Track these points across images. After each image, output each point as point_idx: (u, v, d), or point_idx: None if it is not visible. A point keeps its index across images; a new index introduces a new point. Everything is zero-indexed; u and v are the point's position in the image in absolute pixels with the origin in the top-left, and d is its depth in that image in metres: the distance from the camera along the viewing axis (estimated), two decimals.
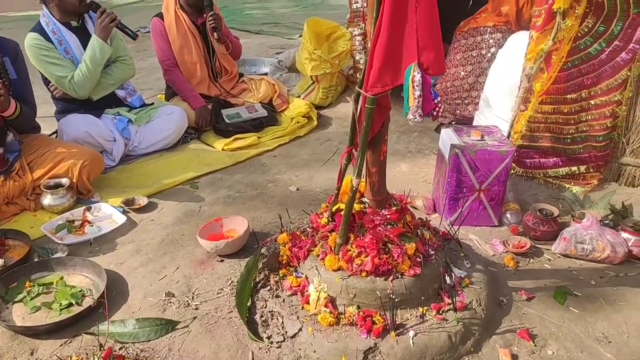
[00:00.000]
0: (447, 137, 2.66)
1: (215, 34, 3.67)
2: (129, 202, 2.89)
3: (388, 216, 2.09)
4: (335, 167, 3.32)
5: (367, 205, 2.12)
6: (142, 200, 2.91)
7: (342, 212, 2.06)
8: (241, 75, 4.14)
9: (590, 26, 2.52)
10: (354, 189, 1.99)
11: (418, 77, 1.73)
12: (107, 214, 2.80)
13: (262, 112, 3.78)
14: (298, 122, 3.79)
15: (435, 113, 3.77)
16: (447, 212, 2.68)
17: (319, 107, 4.08)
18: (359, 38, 4.05)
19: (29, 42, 3.08)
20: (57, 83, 3.15)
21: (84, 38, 3.18)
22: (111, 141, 3.26)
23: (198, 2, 3.69)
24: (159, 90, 4.48)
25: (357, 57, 4.11)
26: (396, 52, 1.76)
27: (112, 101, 3.40)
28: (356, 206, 2.07)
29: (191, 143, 3.60)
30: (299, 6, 7.69)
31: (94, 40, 3.13)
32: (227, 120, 3.67)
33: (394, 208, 2.12)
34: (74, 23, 3.18)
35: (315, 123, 3.85)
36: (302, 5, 7.74)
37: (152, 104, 3.59)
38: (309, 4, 7.77)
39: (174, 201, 2.97)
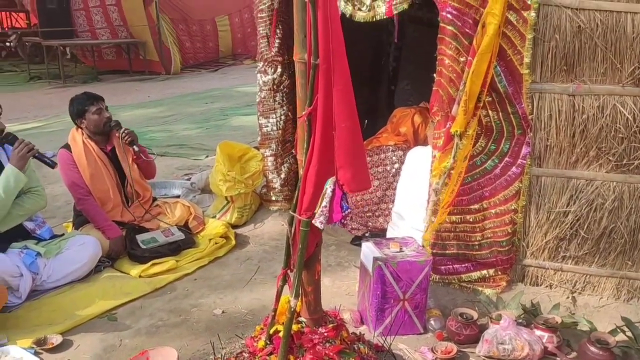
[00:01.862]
0: (369, 250, 2.80)
1: (134, 147, 3.72)
2: (40, 342, 2.68)
3: (325, 334, 2.13)
4: (258, 286, 3.34)
5: (304, 325, 2.15)
6: (56, 339, 2.71)
7: (281, 334, 2.07)
8: (154, 199, 4.12)
9: (483, 145, 2.86)
10: (292, 309, 2.02)
11: (329, 190, 1.88)
12: (16, 357, 2.57)
13: (179, 235, 3.75)
14: (216, 243, 3.79)
15: (345, 222, 3.97)
16: (375, 323, 2.75)
17: (235, 227, 4.12)
18: (270, 159, 4.24)
19: None
20: None
21: None
22: (17, 277, 3.05)
23: (105, 128, 3.73)
24: (62, 218, 4.32)
25: (269, 177, 4.27)
26: (326, 177, 1.91)
27: (19, 234, 3.23)
28: (294, 327, 2.09)
29: (104, 272, 3.45)
30: (202, 128, 7.89)
31: (9, 170, 3.03)
32: (142, 246, 3.58)
33: (330, 325, 2.16)
34: None
35: (233, 242, 3.87)
36: (205, 127, 7.95)
37: (63, 234, 3.45)
38: (212, 126, 8.00)
39: (91, 336, 2.79)
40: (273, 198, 4.32)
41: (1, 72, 14.09)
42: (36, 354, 2.61)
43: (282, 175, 4.27)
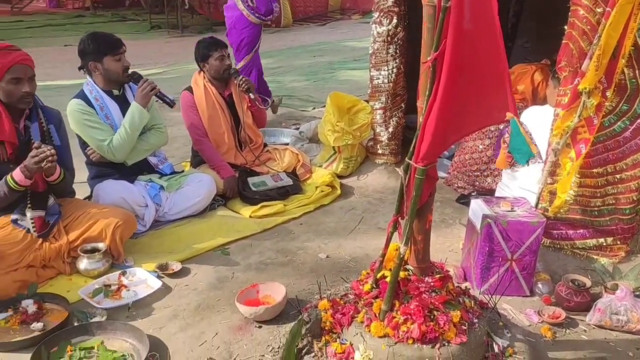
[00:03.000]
0: (478, 207, 2.74)
1: (250, 94, 3.87)
2: (163, 267, 2.92)
3: (432, 283, 2.14)
4: (361, 235, 3.40)
5: (411, 273, 2.17)
6: (176, 266, 2.94)
7: (387, 279, 2.10)
8: (265, 145, 4.27)
9: (614, 105, 2.67)
10: (401, 256, 2.05)
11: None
12: (142, 278, 2.82)
13: (287, 181, 3.88)
14: (322, 191, 3.88)
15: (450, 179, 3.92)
16: (479, 281, 2.72)
17: (340, 177, 4.18)
18: (379, 112, 4.22)
19: (72, 108, 3.21)
20: (96, 146, 3.26)
21: (123, 106, 3.33)
22: (143, 207, 3.32)
23: (224, 75, 3.88)
24: (180, 158, 4.60)
25: (377, 130, 4.26)
26: (447, 126, 1.88)
27: (144, 168, 3.49)
28: (401, 273, 2.12)
29: (219, 210, 3.67)
30: (309, 80, 7.99)
31: (134, 107, 3.28)
32: (253, 188, 3.75)
33: (437, 276, 2.17)
34: (115, 92, 3.34)
35: (338, 192, 3.94)
36: (313, 79, 8.04)
37: (182, 171, 3.68)
38: (319, 79, 8.08)
39: (206, 266, 3.00)
40: (379, 151, 4.32)
41: (125, 21, 14.97)
42: (158, 277, 2.84)
43: (390, 129, 4.25)
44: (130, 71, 3.35)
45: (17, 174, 2.63)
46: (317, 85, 7.71)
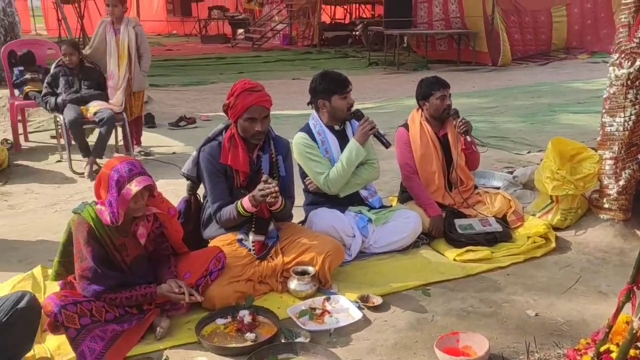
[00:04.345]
0: None
1: (467, 137, 3.82)
2: (364, 299, 2.98)
3: None
4: (578, 297, 3.07)
5: None
6: (377, 299, 2.98)
7: (613, 355, 1.86)
8: (475, 187, 4.14)
9: None
10: (634, 332, 1.79)
11: None
12: (344, 307, 2.91)
13: (497, 227, 3.70)
14: (534, 242, 3.62)
15: None
16: None
17: (556, 229, 3.86)
18: (609, 162, 3.81)
19: (297, 140, 3.50)
20: (314, 178, 3.49)
21: (343, 141, 3.53)
22: (351, 237, 3.45)
23: (443, 114, 3.87)
24: (389, 192, 4.68)
25: (605, 181, 3.85)
26: None
27: (355, 200, 3.64)
28: (631, 351, 1.86)
29: (422, 248, 3.64)
30: (526, 122, 7.58)
31: (352, 144, 3.44)
32: (460, 231, 3.65)
33: None
34: (337, 127, 3.55)
35: (553, 245, 3.64)
36: (530, 121, 7.61)
37: (391, 205, 3.75)
38: (537, 121, 7.61)
39: (406, 304, 2.98)
40: (605, 205, 3.89)
41: (346, 57, 15.96)
42: (359, 308, 2.90)
43: (621, 182, 3.80)
44: (353, 109, 3.53)
45: (246, 202, 2.96)
46: (533, 128, 7.29)
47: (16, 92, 6.18)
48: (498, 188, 4.49)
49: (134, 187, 2.49)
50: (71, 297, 2.52)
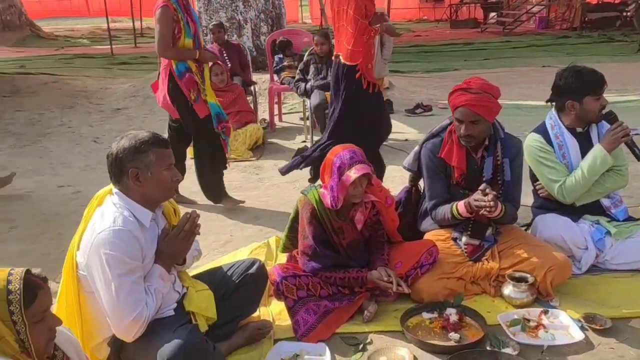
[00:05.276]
0: None
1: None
2: (589, 319, 2.66)
3: None
4: None
5: None
6: (605, 321, 2.63)
7: None
8: None
9: None
10: None
11: None
12: (563, 324, 2.64)
13: None
14: None
15: None
16: None
17: None
18: None
19: (530, 143, 3.21)
20: (547, 185, 3.18)
21: (585, 145, 3.13)
22: (582, 249, 3.09)
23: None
24: (638, 200, 4.06)
25: None
26: None
27: (594, 209, 3.20)
28: None
29: None
30: None
31: (598, 151, 3.05)
32: None
33: None
34: (579, 129, 3.17)
35: None
36: None
37: (639, 219, 3.24)
38: None
39: None
40: None
41: (611, 42, 14.20)
42: (582, 328, 2.60)
43: None
44: (605, 110, 3.11)
45: (462, 206, 2.89)
46: None
47: (275, 77, 6.96)
48: None
49: (353, 173, 2.61)
50: (292, 270, 2.78)
